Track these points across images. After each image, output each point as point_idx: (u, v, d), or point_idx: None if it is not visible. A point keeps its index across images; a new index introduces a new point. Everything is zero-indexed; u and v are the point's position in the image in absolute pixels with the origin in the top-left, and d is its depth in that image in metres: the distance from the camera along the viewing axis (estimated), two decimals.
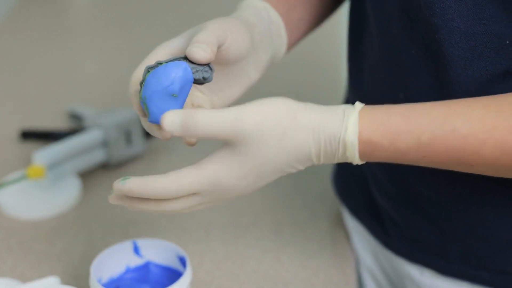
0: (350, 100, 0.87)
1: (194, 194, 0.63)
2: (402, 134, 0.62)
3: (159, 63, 0.64)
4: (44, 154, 0.95)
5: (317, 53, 1.39)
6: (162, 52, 0.67)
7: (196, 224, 0.93)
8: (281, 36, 0.78)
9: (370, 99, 0.70)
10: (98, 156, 1.01)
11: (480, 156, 0.61)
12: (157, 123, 0.64)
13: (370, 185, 0.86)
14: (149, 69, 0.64)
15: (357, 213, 0.91)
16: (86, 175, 1.02)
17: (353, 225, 0.93)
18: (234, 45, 0.68)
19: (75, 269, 0.85)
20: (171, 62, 0.63)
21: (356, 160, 0.63)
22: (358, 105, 0.63)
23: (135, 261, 0.79)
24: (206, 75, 0.64)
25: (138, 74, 0.66)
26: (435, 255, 0.80)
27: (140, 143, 1.05)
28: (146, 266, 0.79)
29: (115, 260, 0.78)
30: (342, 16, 0.96)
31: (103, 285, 0.75)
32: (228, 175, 0.61)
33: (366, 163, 0.85)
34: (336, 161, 0.64)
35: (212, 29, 0.66)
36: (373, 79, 0.78)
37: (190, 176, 0.61)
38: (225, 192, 0.63)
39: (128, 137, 1.03)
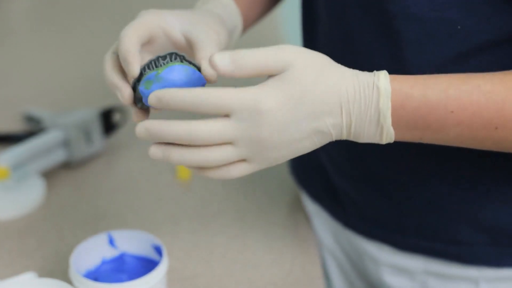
0: None
1: (230, 144, 0.62)
2: (430, 86, 0.64)
3: (182, 58, 0.67)
4: (7, 156, 0.96)
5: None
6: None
7: (163, 216, 0.96)
8: (237, 32, 0.81)
9: None
10: (59, 156, 1.03)
11: (503, 114, 0.64)
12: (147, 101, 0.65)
13: (327, 168, 0.90)
14: (175, 56, 0.67)
15: (316, 197, 0.95)
16: (49, 175, 1.03)
17: (312, 208, 0.97)
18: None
19: (49, 265, 0.86)
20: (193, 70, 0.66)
21: (388, 114, 0.63)
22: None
23: (111, 253, 0.82)
24: None
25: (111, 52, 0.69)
26: (392, 231, 0.85)
27: (100, 142, 1.07)
28: (121, 257, 0.82)
29: (91, 252, 0.80)
30: (285, 9, 1.00)
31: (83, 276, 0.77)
32: (266, 97, 0.61)
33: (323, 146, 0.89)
34: (368, 116, 0.63)
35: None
36: None
37: (232, 92, 0.61)
38: (262, 133, 0.62)
39: (88, 136, 1.05)
